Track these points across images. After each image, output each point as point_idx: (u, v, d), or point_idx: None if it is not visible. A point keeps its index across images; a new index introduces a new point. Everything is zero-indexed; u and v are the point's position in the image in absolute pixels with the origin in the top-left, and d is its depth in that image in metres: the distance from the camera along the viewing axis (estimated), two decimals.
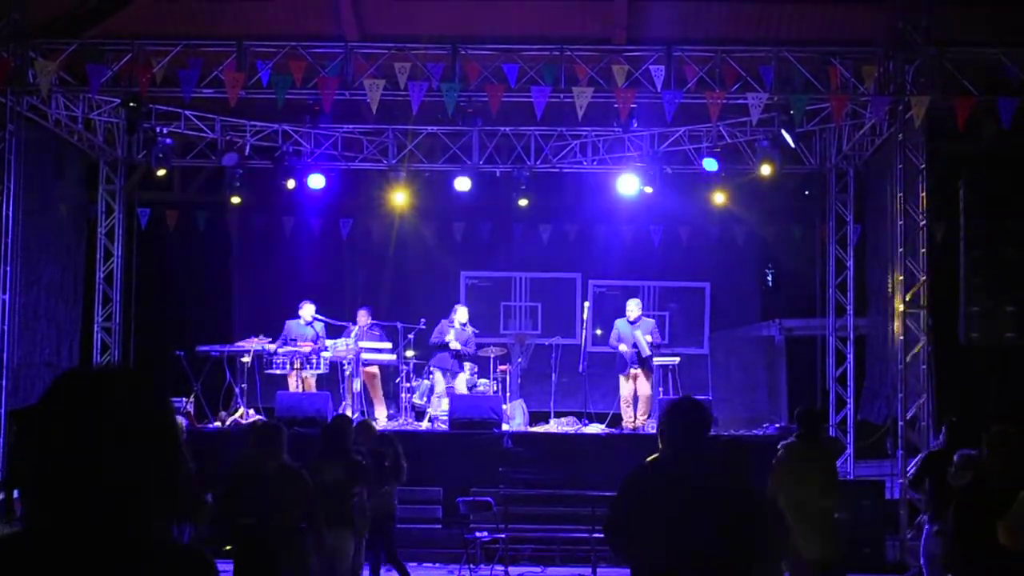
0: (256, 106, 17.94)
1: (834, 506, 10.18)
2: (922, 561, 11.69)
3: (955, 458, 10.26)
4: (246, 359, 17.86)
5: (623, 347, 17.69)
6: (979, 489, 7.44)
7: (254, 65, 16.00)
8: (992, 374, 18.58)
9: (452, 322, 18.30)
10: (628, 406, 17.63)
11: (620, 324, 17.96)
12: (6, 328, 16.04)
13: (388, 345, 18.45)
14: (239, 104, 16.81)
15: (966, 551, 7.53)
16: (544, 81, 15.88)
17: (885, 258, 17.00)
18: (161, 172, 18.51)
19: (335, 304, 19.48)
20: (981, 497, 7.30)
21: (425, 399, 18.36)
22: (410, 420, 18.21)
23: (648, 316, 18.60)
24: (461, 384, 18.16)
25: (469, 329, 18.45)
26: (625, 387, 17.78)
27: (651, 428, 16.49)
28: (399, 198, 19.55)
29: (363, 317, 18.48)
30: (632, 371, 17.68)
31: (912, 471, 12.30)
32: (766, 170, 17.72)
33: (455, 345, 18.08)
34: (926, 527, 11.48)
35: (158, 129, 17.88)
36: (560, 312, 21.77)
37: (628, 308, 18.00)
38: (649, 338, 17.67)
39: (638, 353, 17.60)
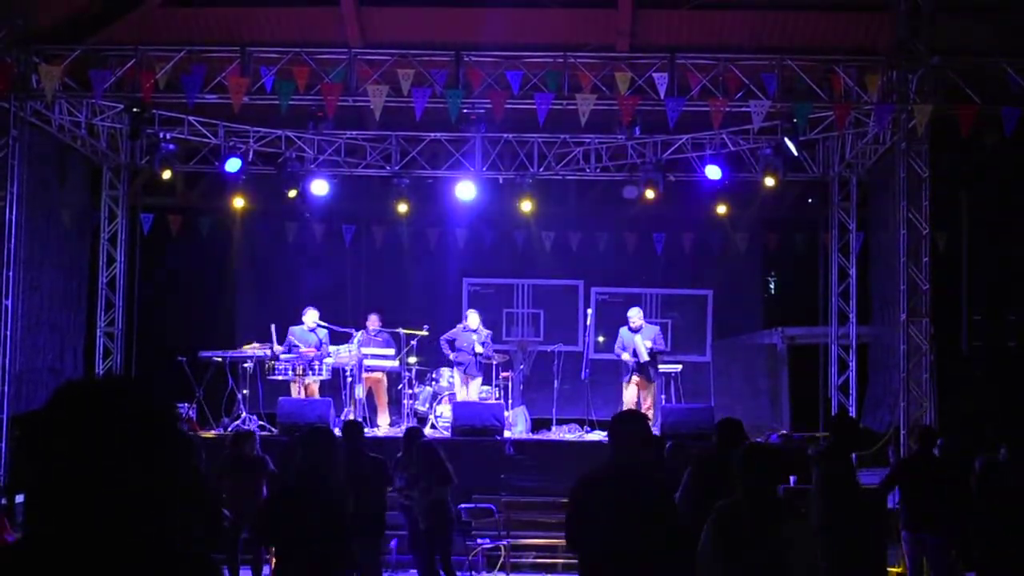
0: (259, 112, 17.95)
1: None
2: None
3: (977, 465, 10.33)
4: (248, 364, 17.90)
5: (625, 355, 17.70)
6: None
7: (257, 71, 16.01)
8: (994, 382, 18.58)
9: (467, 328, 18.33)
10: None
11: (623, 332, 17.96)
12: (8, 333, 16.03)
13: (392, 351, 18.45)
14: (242, 110, 16.82)
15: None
16: (547, 88, 15.88)
17: (888, 266, 16.99)
18: (165, 176, 18.51)
19: (338, 310, 19.50)
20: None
21: (427, 405, 18.37)
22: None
23: (651, 324, 18.57)
24: (474, 391, 18.16)
25: (484, 331, 18.46)
26: (627, 394, 17.77)
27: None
28: (402, 204, 19.56)
29: (373, 322, 18.47)
30: (633, 378, 17.67)
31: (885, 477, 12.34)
32: (770, 182, 17.73)
33: (479, 348, 18.17)
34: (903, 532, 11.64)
35: (161, 135, 17.87)
36: (562, 319, 21.77)
37: (630, 317, 17.99)
38: (649, 343, 17.66)
39: (638, 360, 17.61)
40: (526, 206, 19.41)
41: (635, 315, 18.00)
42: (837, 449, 10.35)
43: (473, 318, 18.49)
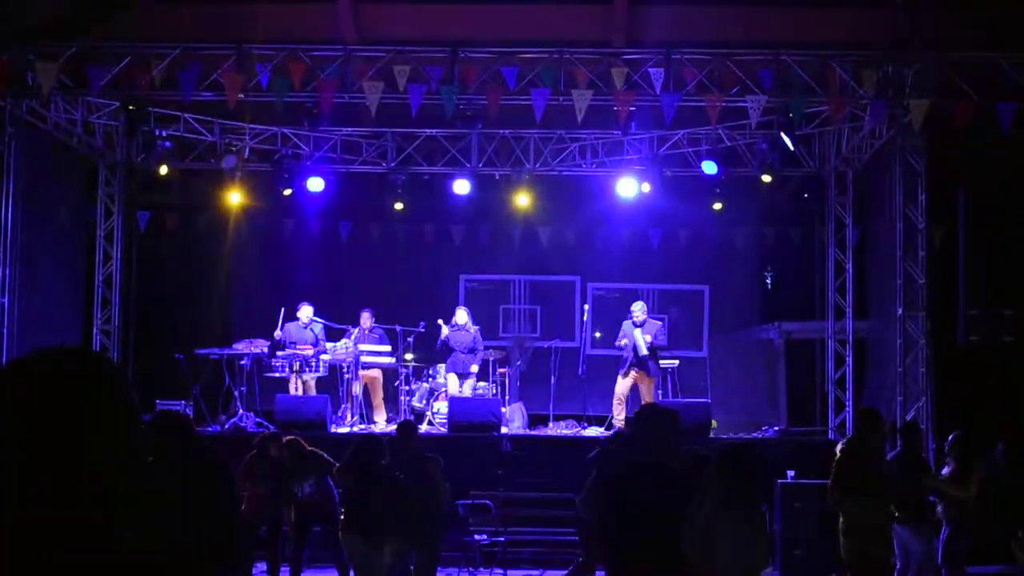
0: (255, 109, 17.94)
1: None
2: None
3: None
4: (244, 361, 17.90)
5: (624, 341, 17.67)
6: None
7: (253, 68, 15.99)
8: (991, 377, 18.57)
9: (453, 325, 18.32)
10: (620, 403, 17.58)
11: (626, 325, 17.94)
12: (5, 332, 16.04)
13: (388, 348, 18.45)
14: (238, 107, 16.81)
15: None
16: (543, 84, 15.87)
17: (884, 261, 17.00)
18: (162, 171, 18.49)
19: (334, 307, 19.47)
20: None
21: (424, 402, 18.36)
22: None
23: (654, 319, 18.52)
24: (468, 390, 18.16)
25: (472, 328, 18.44)
26: (620, 386, 17.71)
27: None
28: (398, 201, 19.55)
29: (366, 319, 18.47)
30: (632, 372, 17.66)
31: None
32: (766, 178, 17.74)
33: (445, 331, 18.15)
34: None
35: (157, 132, 17.86)
36: (559, 315, 21.76)
37: (633, 311, 17.95)
38: (648, 337, 17.65)
39: (636, 353, 17.60)
40: (522, 202, 19.41)
41: (638, 309, 17.98)
42: (863, 442, 10.22)
43: (461, 315, 18.47)
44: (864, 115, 16.61)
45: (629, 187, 18.75)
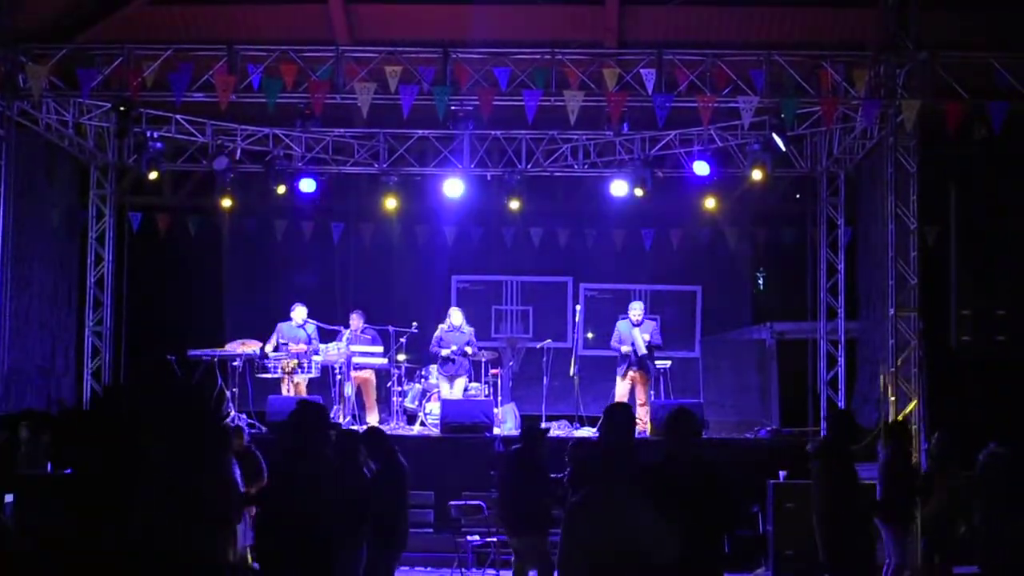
0: (247, 110, 17.91)
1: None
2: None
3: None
4: (236, 363, 17.89)
5: (624, 348, 17.66)
6: None
7: (245, 69, 15.96)
8: (983, 377, 18.58)
9: (449, 328, 18.32)
10: None
11: (622, 325, 17.94)
12: None
13: (380, 349, 18.44)
14: (230, 108, 16.77)
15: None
16: (535, 85, 15.85)
17: (876, 262, 17.00)
18: (153, 175, 18.45)
19: (326, 308, 19.50)
20: None
21: (417, 403, 18.36)
22: (401, 424, 18.22)
23: (649, 319, 18.52)
24: (458, 389, 18.16)
25: (467, 329, 18.47)
26: (620, 388, 17.73)
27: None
28: (390, 202, 19.52)
29: (356, 320, 18.46)
30: (630, 373, 17.65)
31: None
32: (757, 175, 17.72)
33: (469, 350, 18.19)
34: None
35: (148, 133, 17.82)
36: (551, 316, 21.77)
37: (632, 309, 17.97)
38: (647, 336, 17.67)
39: (636, 353, 17.60)
40: (514, 203, 19.39)
41: (637, 308, 18.00)
42: (836, 444, 10.32)
43: (456, 316, 18.49)
44: (856, 115, 16.62)
45: (621, 188, 18.73)
